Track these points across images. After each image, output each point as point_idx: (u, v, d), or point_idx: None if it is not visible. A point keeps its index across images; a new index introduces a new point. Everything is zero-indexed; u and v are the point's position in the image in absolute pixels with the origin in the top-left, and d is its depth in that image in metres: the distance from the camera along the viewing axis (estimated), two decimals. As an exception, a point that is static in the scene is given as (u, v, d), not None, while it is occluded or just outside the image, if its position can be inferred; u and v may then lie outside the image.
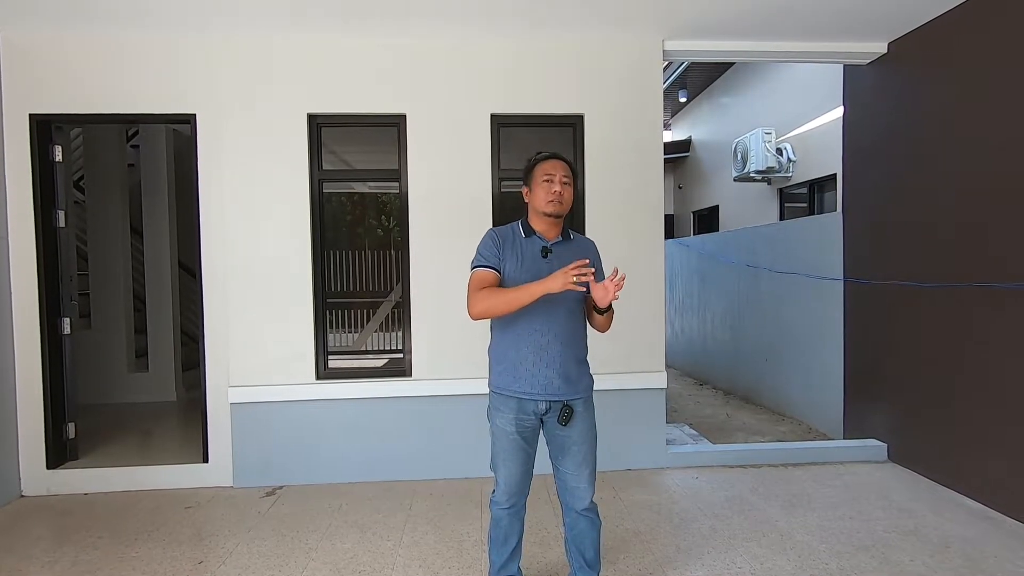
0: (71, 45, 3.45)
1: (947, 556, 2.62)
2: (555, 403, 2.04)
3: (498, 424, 2.09)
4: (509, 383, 2.05)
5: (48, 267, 3.54)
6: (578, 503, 2.12)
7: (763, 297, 5.57)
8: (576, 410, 2.05)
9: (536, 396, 2.03)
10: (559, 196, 2.03)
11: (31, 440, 3.51)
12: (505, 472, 2.10)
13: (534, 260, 2.06)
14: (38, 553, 2.79)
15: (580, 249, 2.13)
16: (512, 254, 2.06)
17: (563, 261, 2.00)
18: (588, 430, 2.11)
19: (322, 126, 3.65)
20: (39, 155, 3.49)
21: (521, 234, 2.11)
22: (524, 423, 2.06)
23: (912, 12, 3.37)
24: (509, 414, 2.05)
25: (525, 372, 2.03)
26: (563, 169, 2.07)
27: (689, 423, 5.00)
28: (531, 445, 2.11)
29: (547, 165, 2.07)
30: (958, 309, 3.27)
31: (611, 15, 3.36)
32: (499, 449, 2.10)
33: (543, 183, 2.05)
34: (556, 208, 2.04)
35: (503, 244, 2.08)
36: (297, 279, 3.58)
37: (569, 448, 2.08)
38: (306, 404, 3.59)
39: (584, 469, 2.10)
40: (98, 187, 5.45)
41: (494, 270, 2.04)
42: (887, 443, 3.86)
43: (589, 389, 2.13)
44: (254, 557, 2.72)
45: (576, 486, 2.10)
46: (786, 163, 6.84)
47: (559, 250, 2.09)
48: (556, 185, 2.03)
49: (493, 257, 2.05)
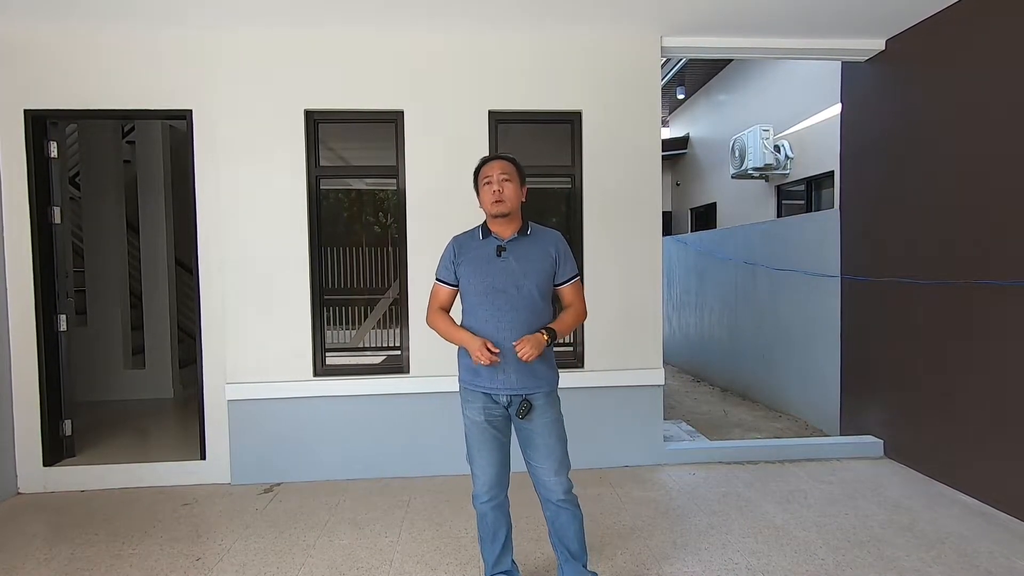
0: (66, 40, 3.42)
1: (942, 551, 2.64)
2: (515, 397, 2.10)
3: (468, 415, 2.17)
4: (471, 378, 2.15)
5: (44, 264, 3.53)
6: (551, 494, 2.15)
7: (760, 294, 5.58)
8: (536, 404, 2.10)
9: (496, 390, 2.09)
10: (499, 194, 2.09)
11: (27, 437, 3.50)
12: (481, 463, 2.14)
13: (489, 261, 2.13)
14: (34, 550, 2.79)
15: (538, 243, 2.17)
16: (468, 258, 2.16)
17: (517, 257, 2.12)
18: (552, 422, 2.14)
19: (319, 122, 3.64)
20: (34, 151, 3.47)
21: (479, 236, 2.19)
22: (492, 412, 2.13)
23: (910, 9, 3.37)
24: (477, 404, 2.13)
25: (485, 369, 2.08)
26: (499, 168, 2.12)
27: (686, 419, 5.01)
28: (503, 434, 2.16)
29: (484, 169, 2.16)
30: (954, 306, 3.28)
31: (610, 11, 3.35)
32: (472, 440, 2.16)
33: (484, 187, 2.14)
34: (499, 208, 2.10)
35: (460, 251, 2.19)
36: (294, 276, 3.57)
37: (534, 440, 2.13)
38: (304, 401, 3.59)
39: (550, 461, 2.13)
40: (94, 183, 5.42)
41: (447, 284, 2.21)
42: (883, 439, 3.88)
43: (552, 383, 2.17)
44: (252, 554, 2.72)
45: (545, 479, 2.15)
46: (784, 160, 6.85)
47: (514, 247, 2.14)
48: (495, 184, 2.10)
49: (446, 271, 2.21)
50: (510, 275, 2.08)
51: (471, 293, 2.13)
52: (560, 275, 2.19)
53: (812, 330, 4.72)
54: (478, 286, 2.10)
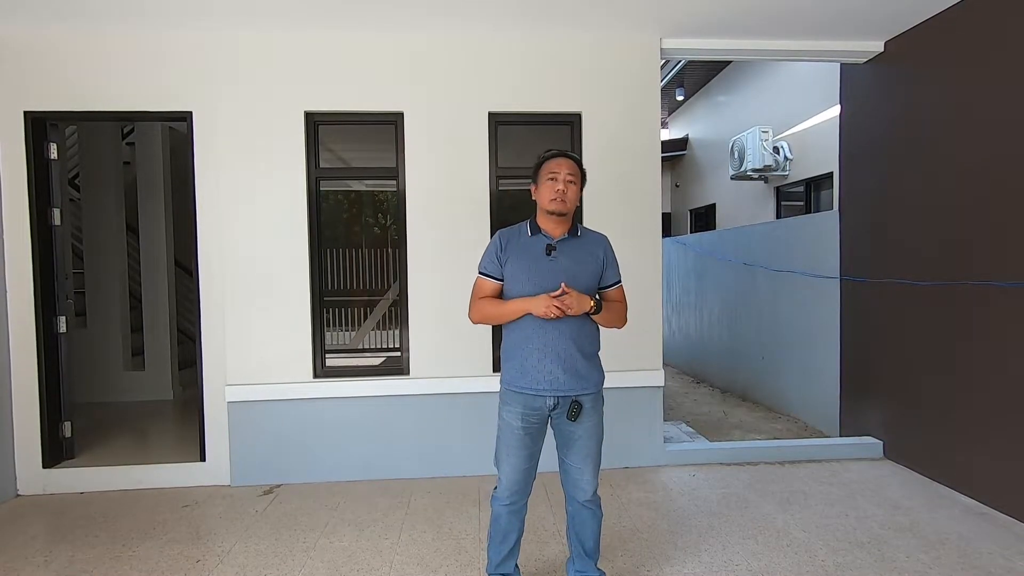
0: (66, 42, 3.42)
1: (942, 552, 2.64)
2: (563, 398, 2.06)
3: (504, 418, 2.13)
4: (516, 379, 2.09)
5: (43, 265, 3.53)
6: (580, 495, 2.15)
7: (760, 295, 5.58)
8: (585, 406, 2.08)
9: (543, 392, 2.05)
10: (562, 195, 2.04)
11: (27, 439, 3.50)
12: (507, 467, 2.12)
13: (537, 258, 2.08)
14: (34, 552, 2.78)
15: (587, 245, 2.14)
16: (515, 254, 2.10)
17: (568, 257, 2.08)
18: (595, 426, 2.13)
19: (319, 124, 3.64)
20: (34, 153, 3.47)
21: (527, 232, 2.14)
22: (531, 419, 2.08)
23: (909, 11, 3.38)
24: (516, 408, 2.08)
25: (531, 368, 2.05)
26: (568, 167, 2.07)
27: (686, 421, 5.01)
28: (536, 443, 2.13)
29: (552, 163, 2.09)
30: (954, 307, 3.29)
31: (609, 13, 3.36)
32: (503, 444, 2.13)
33: (547, 181, 2.07)
34: (558, 206, 2.05)
35: (506, 246, 2.12)
36: (294, 277, 3.57)
37: (575, 442, 2.11)
38: (304, 403, 3.58)
39: (588, 463, 2.13)
40: (94, 185, 5.42)
41: (493, 279, 2.13)
42: (883, 440, 3.88)
43: (599, 384, 2.15)
44: (252, 556, 2.72)
45: (579, 479, 2.14)
46: (783, 161, 6.86)
47: (564, 247, 2.10)
48: (559, 183, 2.05)
49: (492, 264, 2.13)
50: (559, 275, 2.04)
51: (517, 291, 2.08)
52: (606, 279, 2.16)
53: (812, 331, 4.72)
54: (525, 284, 2.06)
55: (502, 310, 2.08)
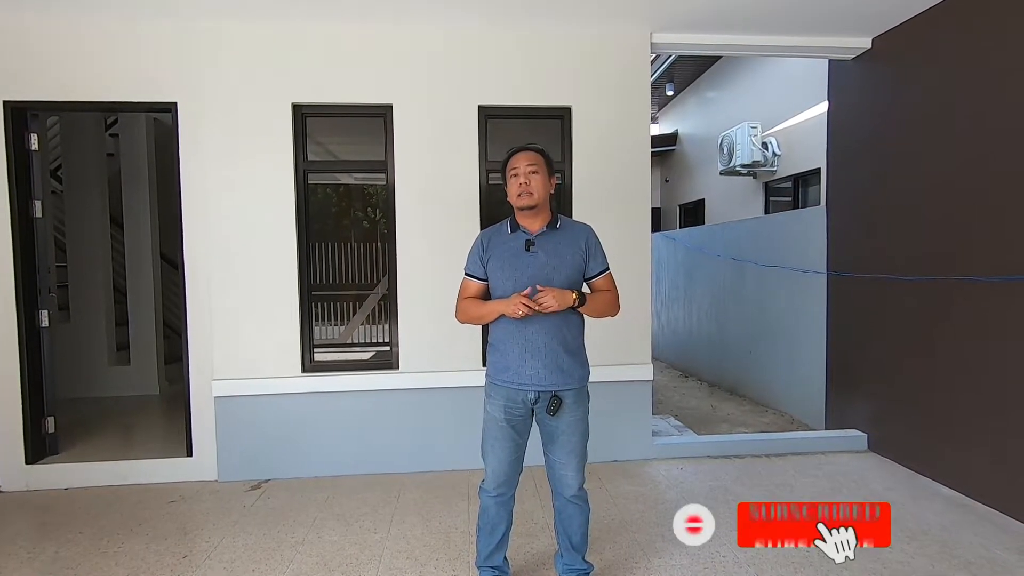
0: (47, 31, 3.35)
1: (924, 542, 2.69)
2: (544, 393, 2.06)
3: (488, 411, 2.14)
4: (500, 373, 2.11)
5: (25, 258, 3.46)
6: (566, 490, 2.16)
7: (748, 290, 5.62)
8: (566, 401, 2.08)
9: (524, 386, 2.06)
10: (526, 187, 2.05)
11: (9, 435, 3.44)
12: (493, 459, 2.13)
13: (516, 255, 2.09)
14: (17, 549, 2.75)
15: (568, 237, 2.14)
16: (496, 252, 2.12)
17: (547, 252, 2.07)
18: (578, 421, 2.13)
19: (307, 116, 3.60)
20: (14, 144, 3.40)
21: (507, 230, 2.15)
22: (514, 412, 2.09)
23: (896, 8, 3.41)
24: (499, 401, 2.10)
25: (513, 363, 2.06)
26: (527, 159, 2.08)
27: (674, 415, 5.05)
28: (520, 435, 2.13)
29: (512, 160, 2.11)
30: (937, 302, 3.33)
31: (600, 7, 3.35)
32: (488, 436, 2.15)
33: (511, 179, 2.10)
34: (526, 200, 2.06)
35: (488, 245, 2.14)
36: (282, 271, 3.54)
37: (558, 437, 2.12)
38: (292, 397, 3.56)
39: (572, 459, 2.13)
40: (76, 177, 5.32)
41: (477, 279, 2.16)
42: (867, 433, 3.94)
43: (582, 380, 2.15)
44: (239, 551, 2.70)
45: (563, 474, 2.14)
46: (771, 157, 6.90)
47: (543, 241, 2.10)
48: (521, 177, 2.06)
49: (475, 265, 2.17)
50: (539, 269, 2.04)
51: (500, 289, 2.09)
52: (591, 269, 2.14)
53: (798, 326, 4.77)
54: (507, 281, 2.06)
55: (482, 311, 2.12)
